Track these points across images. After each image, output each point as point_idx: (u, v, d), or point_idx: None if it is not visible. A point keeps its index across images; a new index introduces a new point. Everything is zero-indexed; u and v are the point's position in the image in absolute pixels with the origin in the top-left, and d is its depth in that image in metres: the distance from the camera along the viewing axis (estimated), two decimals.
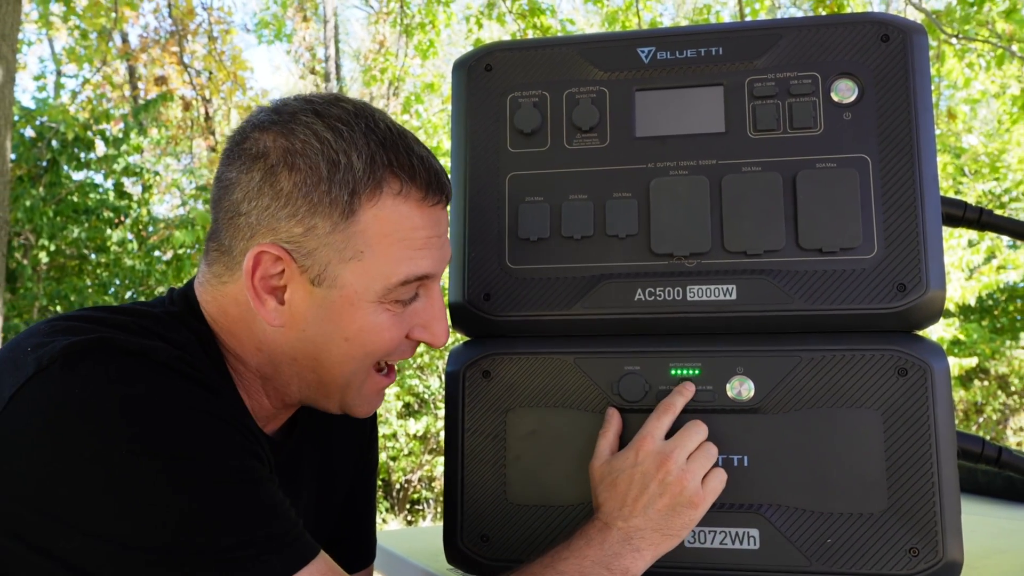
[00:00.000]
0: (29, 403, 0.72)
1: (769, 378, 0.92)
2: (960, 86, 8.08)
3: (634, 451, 0.90)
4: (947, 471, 0.88)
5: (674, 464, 0.87)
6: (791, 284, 0.93)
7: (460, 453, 0.99)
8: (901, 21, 0.98)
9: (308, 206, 0.84)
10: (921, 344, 0.92)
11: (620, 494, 0.88)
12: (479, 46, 1.08)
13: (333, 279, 0.86)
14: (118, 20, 8.13)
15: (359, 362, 0.90)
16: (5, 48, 3.70)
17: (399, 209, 0.86)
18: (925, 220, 0.93)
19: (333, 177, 0.84)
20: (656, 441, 0.90)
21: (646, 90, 1.01)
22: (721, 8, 9.50)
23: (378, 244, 0.86)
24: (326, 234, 0.85)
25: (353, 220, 0.85)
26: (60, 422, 0.71)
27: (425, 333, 0.92)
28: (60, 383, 0.72)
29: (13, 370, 0.74)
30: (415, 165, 0.87)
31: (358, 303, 0.86)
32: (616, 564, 0.85)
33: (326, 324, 0.87)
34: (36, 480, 0.70)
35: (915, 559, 0.87)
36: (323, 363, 0.89)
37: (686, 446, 0.89)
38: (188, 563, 0.70)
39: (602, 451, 0.93)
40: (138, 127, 8.17)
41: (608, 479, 0.90)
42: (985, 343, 7.84)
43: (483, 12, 8.50)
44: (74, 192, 7.44)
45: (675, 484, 0.87)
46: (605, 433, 0.94)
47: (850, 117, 0.96)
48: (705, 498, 0.88)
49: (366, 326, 0.87)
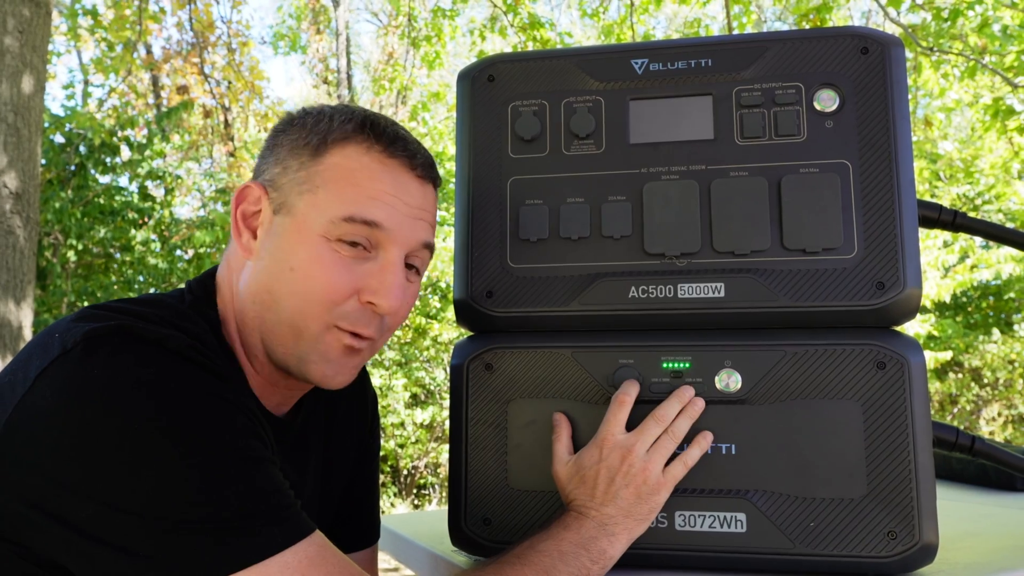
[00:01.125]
0: (52, 382, 0.73)
1: (755, 371, 0.92)
2: (936, 95, 8.08)
3: (598, 448, 0.91)
4: (923, 459, 0.88)
5: (636, 457, 0.89)
6: (776, 282, 0.93)
7: (464, 441, 0.99)
8: (880, 35, 0.98)
9: (287, 151, 0.92)
10: (899, 339, 0.92)
11: (589, 488, 0.89)
12: (482, 58, 1.08)
13: (289, 208, 0.89)
14: (142, 32, 8.12)
15: (304, 300, 0.87)
16: (36, 59, 3.70)
17: (361, 159, 0.90)
18: (902, 222, 0.93)
19: (313, 128, 0.91)
20: (617, 436, 0.91)
21: (639, 99, 1.01)
22: (710, 22, 9.48)
23: (333, 182, 0.89)
24: (294, 171, 0.90)
25: (319, 160, 0.90)
26: (79, 400, 0.72)
27: (372, 295, 0.88)
28: (81, 365, 0.73)
29: (41, 353, 0.76)
30: (386, 131, 0.92)
31: (305, 232, 0.88)
32: (593, 546, 0.86)
33: (278, 252, 0.89)
34: (54, 452, 0.71)
35: (893, 541, 0.87)
36: (274, 296, 0.89)
37: (646, 439, 0.90)
38: (192, 533, 0.70)
39: (561, 454, 0.94)
40: (161, 133, 8.17)
41: (576, 477, 0.91)
42: (959, 338, 7.84)
43: (486, 25, 8.50)
44: (100, 195, 7.43)
45: (639, 475, 0.88)
46: (559, 437, 0.95)
47: (832, 125, 0.96)
48: (667, 484, 0.89)
49: (310, 257, 0.87)
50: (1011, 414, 8.01)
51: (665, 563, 0.93)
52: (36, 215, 3.69)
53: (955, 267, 7.65)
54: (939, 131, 9.53)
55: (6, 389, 0.76)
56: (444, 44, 8.69)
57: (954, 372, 8.15)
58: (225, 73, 9.67)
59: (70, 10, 8.87)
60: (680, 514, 0.91)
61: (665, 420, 0.91)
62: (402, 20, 9.42)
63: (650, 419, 0.91)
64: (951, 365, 8.08)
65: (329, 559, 0.75)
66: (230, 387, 0.81)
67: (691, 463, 0.91)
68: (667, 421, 0.91)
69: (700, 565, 0.92)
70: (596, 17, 8.86)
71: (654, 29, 9.46)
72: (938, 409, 8.28)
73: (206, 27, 9.25)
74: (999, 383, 8.02)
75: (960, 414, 8.08)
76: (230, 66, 9.56)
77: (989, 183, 8.53)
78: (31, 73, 3.65)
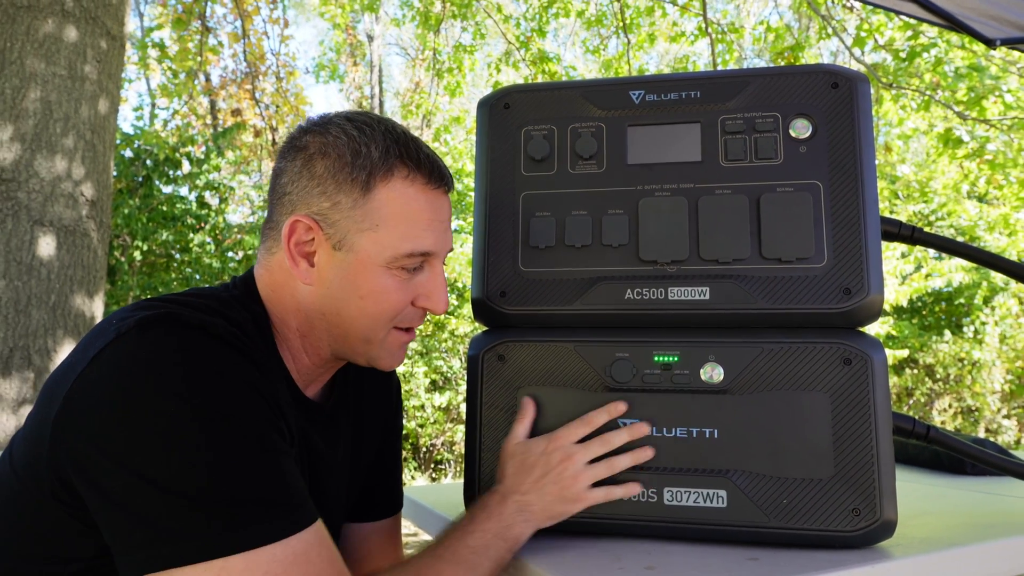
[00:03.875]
0: (106, 360, 0.73)
1: (736, 365, 0.92)
2: (895, 124, 8.05)
3: (546, 441, 0.91)
4: (884, 445, 0.88)
5: (573, 464, 0.89)
6: (755, 287, 0.93)
7: (479, 422, 0.99)
8: (848, 71, 0.98)
9: (335, 185, 0.88)
10: (863, 338, 0.91)
11: (524, 472, 0.90)
12: (498, 88, 1.08)
13: (351, 245, 0.88)
14: (203, 63, 8.15)
15: (373, 319, 0.90)
16: (111, 85, 3.72)
17: (407, 191, 0.89)
18: (867, 235, 0.92)
19: (355, 162, 0.88)
20: (567, 441, 0.91)
21: (637, 126, 1.01)
22: (697, 58, 9.46)
23: (390, 219, 0.88)
24: (348, 208, 0.88)
25: (370, 197, 0.88)
26: (126, 376, 0.72)
27: (428, 301, 0.93)
28: (131, 346, 0.73)
29: (100, 336, 0.76)
30: (421, 158, 0.91)
31: (370, 266, 0.88)
32: (510, 534, 0.87)
33: (345, 283, 0.89)
34: (101, 423, 0.71)
35: (857, 518, 0.87)
36: (344, 318, 0.90)
37: (589, 453, 0.90)
38: (208, 513, 0.69)
39: (518, 433, 0.94)
40: (217, 150, 8.20)
41: (518, 457, 0.91)
42: (915, 338, 7.79)
43: (501, 59, 8.51)
44: (163, 203, 7.47)
45: (567, 480, 0.89)
46: (522, 419, 0.95)
47: (805, 150, 0.95)
48: (585, 500, 0.90)
49: (376, 287, 0.89)
50: (960, 406, 7.94)
51: (655, 533, 0.92)
52: (108, 220, 3.72)
53: (911, 275, 7.61)
54: (898, 156, 9.46)
55: (69, 369, 0.76)
56: (464, 75, 8.71)
57: (910, 368, 8.09)
58: (273, 98, 9.70)
59: (141, 43, 8.93)
60: (668, 490, 0.91)
61: (610, 445, 0.91)
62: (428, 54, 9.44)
63: (597, 440, 0.91)
64: (907, 362, 8.02)
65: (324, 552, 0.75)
66: (264, 374, 0.80)
67: (612, 497, 0.90)
68: (612, 446, 0.91)
69: (685, 535, 0.91)
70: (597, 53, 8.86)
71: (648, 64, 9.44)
72: (896, 401, 8.23)
73: (258, 58, 9.28)
74: (950, 378, 7.96)
75: (915, 405, 8.02)
76: (278, 92, 9.59)
77: (942, 202, 8.48)
78: (106, 97, 3.68)
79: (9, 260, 3.21)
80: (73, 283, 3.41)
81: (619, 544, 0.91)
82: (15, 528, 0.78)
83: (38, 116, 3.36)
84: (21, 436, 0.81)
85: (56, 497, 0.74)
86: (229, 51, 9.70)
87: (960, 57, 6.73)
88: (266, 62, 9.52)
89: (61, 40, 3.48)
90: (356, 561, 1.14)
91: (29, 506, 0.76)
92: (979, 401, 7.66)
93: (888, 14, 6.52)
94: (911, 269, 7.76)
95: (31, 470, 0.76)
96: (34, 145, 3.33)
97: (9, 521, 0.78)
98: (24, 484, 0.77)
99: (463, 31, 9.16)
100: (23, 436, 0.80)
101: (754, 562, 0.83)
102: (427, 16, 8.65)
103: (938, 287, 7.67)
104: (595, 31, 8.94)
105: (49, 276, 3.31)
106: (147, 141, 7.43)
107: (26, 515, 0.77)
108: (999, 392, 7.68)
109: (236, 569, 0.68)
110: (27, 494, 0.77)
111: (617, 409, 0.93)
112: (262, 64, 9.51)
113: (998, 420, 7.63)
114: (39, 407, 0.78)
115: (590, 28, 8.85)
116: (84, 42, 3.56)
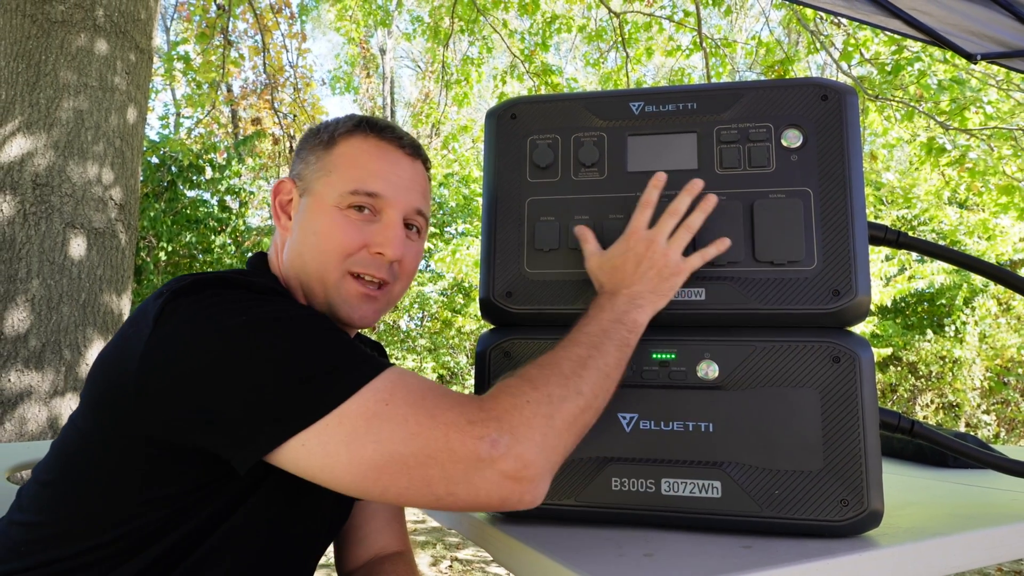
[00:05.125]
0: (172, 315, 0.76)
1: (730, 362, 0.92)
2: (880, 134, 8.03)
3: (625, 241, 0.91)
4: (871, 438, 0.87)
5: (658, 244, 0.89)
6: (749, 288, 0.93)
7: None
8: (837, 84, 0.97)
9: (308, 150, 1.00)
10: (851, 337, 0.91)
11: (619, 272, 0.89)
12: (505, 100, 1.08)
13: (311, 190, 0.97)
14: (224, 74, 8.17)
15: (324, 255, 0.94)
16: (139, 95, 3.73)
17: (361, 144, 0.97)
18: (855, 239, 0.92)
19: (324, 129, 1.00)
20: (641, 230, 0.91)
21: (636, 135, 1.00)
22: (692, 71, 9.44)
23: (342, 165, 0.96)
24: (313, 163, 0.98)
25: (330, 151, 0.98)
26: (199, 320, 0.75)
27: (380, 247, 0.95)
28: (193, 300, 0.77)
29: (153, 300, 0.79)
30: (383, 126, 0.99)
31: (324, 206, 0.95)
32: (627, 318, 0.86)
33: (305, 224, 0.96)
34: (189, 361, 0.74)
35: (845, 508, 0.86)
36: (306, 260, 0.95)
37: (664, 230, 0.91)
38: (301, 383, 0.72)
39: (592, 251, 0.94)
40: (238, 157, 8.22)
41: (607, 265, 0.91)
42: (899, 337, 7.76)
43: (507, 72, 8.50)
44: (187, 206, 7.49)
45: (660, 258, 0.89)
46: (587, 240, 0.95)
47: (796, 159, 0.95)
48: (685, 269, 0.90)
49: (327, 224, 0.94)
50: (942, 402, 7.91)
51: (652, 522, 0.92)
52: (135, 222, 3.73)
53: (895, 277, 7.59)
54: (883, 164, 9.43)
55: (128, 342, 0.78)
56: (471, 87, 8.71)
57: (894, 366, 8.06)
58: (291, 108, 9.72)
59: (167, 56, 8.96)
60: (666, 480, 0.91)
61: (678, 214, 0.91)
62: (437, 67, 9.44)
63: (666, 214, 0.91)
64: (892, 360, 7.99)
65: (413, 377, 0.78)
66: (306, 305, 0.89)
67: (708, 257, 0.91)
68: (680, 214, 0.91)
69: (682, 525, 0.91)
70: (597, 66, 8.85)
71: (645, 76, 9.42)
72: (880, 397, 8.20)
73: (277, 70, 9.30)
74: (932, 375, 7.93)
75: (899, 401, 7.99)
76: (295, 103, 9.60)
77: (924, 208, 8.44)
78: (135, 107, 3.69)
79: (43, 260, 3.22)
80: (102, 282, 3.42)
81: (618, 533, 0.91)
82: (96, 488, 0.80)
83: (70, 125, 3.37)
84: (81, 414, 0.84)
85: (148, 445, 0.76)
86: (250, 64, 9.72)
87: (942, 71, 6.73)
88: (284, 74, 9.54)
89: (92, 53, 3.48)
90: (362, 539, 1.15)
91: (108, 466, 0.79)
92: (960, 397, 7.63)
93: (874, 30, 6.51)
94: (895, 271, 7.73)
95: (109, 433, 0.79)
96: (67, 152, 3.34)
97: (90, 483, 0.80)
98: (103, 448, 0.79)
99: (470, 45, 9.16)
100: (84, 410, 0.83)
101: (747, 550, 0.83)
102: (437, 31, 8.66)
103: (921, 288, 7.65)
104: (595, 45, 8.93)
105: (80, 275, 3.32)
106: (172, 148, 7.45)
107: (108, 474, 0.79)
108: (979, 388, 7.65)
109: (351, 409, 0.71)
110: (108, 456, 0.79)
111: (660, 180, 0.94)
112: (281, 76, 9.53)
113: (978, 415, 7.59)
114: (101, 382, 0.81)
115: (590, 42, 8.84)
116: (114, 55, 3.57)
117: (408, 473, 0.70)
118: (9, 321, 3.13)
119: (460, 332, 7.52)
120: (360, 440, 0.70)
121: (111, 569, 0.78)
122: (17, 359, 3.11)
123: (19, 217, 3.22)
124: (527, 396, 0.75)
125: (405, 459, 0.70)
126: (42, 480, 0.84)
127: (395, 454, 0.70)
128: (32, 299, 3.18)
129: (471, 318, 7.33)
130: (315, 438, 0.70)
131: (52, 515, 0.81)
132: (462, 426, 0.71)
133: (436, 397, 0.74)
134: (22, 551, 0.80)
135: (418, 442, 0.70)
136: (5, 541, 0.83)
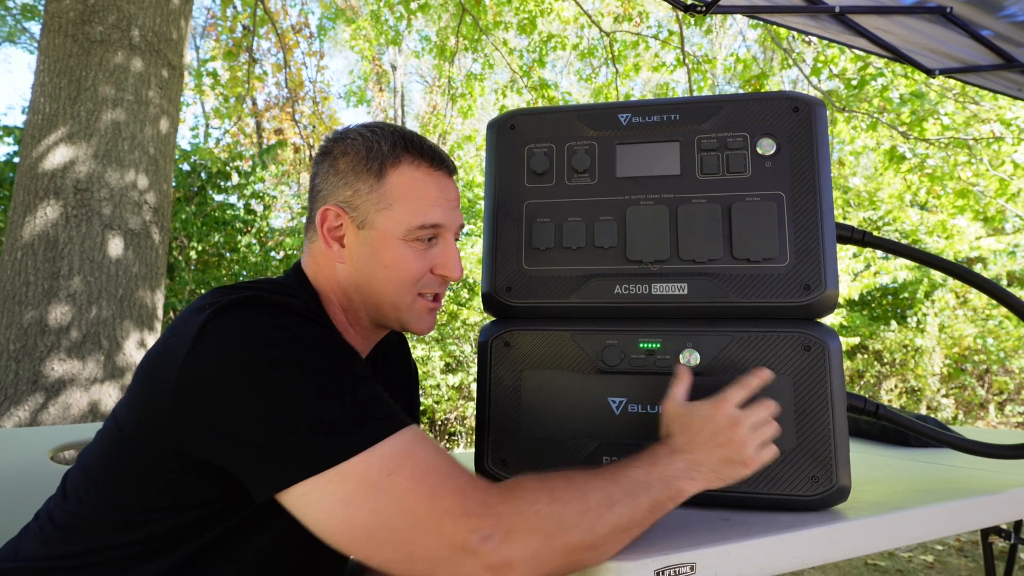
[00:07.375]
0: (211, 335, 0.73)
1: (711, 351, 0.92)
2: (847, 142, 8.02)
3: (712, 406, 0.82)
4: (839, 420, 0.87)
5: (741, 429, 0.80)
6: (727, 283, 0.92)
7: (487, 400, 0.98)
8: (807, 97, 0.97)
9: (354, 176, 0.91)
10: (821, 328, 0.91)
11: (691, 433, 0.80)
12: (505, 111, 1.08)
13: (372, 224, 0.91)
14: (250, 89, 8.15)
15: (398, 286, 0.91)
16: (171, 108, 3.73)
17: (413, 174, 0.92)
18: (824, 239, 0.91)
19: (369, 155, 0.91)
20: (732, 406, 0.82)
21: (624, 144, 1.00)
22: (676, 85, 9.42)
23: (401, 198, 0.90)
24: (366, 193, 0.91)
25: (383, 182, 0.90)
26: (234, 345, 0.72)
27: (444, 269, 0.94)
28: (231, 322, 0.74)
29: (197, 313, 0.76)
30: (424, 147, 0.94)
31: (390, 240, 0.90)
32: (675, 483, 0.76)
33: (370, 257, 0.91)
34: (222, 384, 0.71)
35: (816, 483, 0.86)
36: (374, 288, 0.92)
37: (752, 419, 0.82)
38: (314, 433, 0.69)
39: (677, 395, 0.86)
40: (262, 164, 8.20)
41: (684, 419, 0.82)
42: (865, 327, 7.76)
43: (507, 86, 8.49)
44: (216, 209, 7.47)
45: (737, 444, 0.79)
46: (680, 381, 0.87)
47: (770, 165, 0.95)
48: (756, 462, 0.81)
49: (396, 257, 0.91)
50: (904, 387, 7.91)
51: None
52: (168, 224, 3.72)
53: (862, 273, 7.58)
54: (850, 169, 9.41)
55: (171, 350, 0.75)
56: (475, 100, 8.69)
57: (861, 354, 8.06)
58: (311, 120, 9.70)
59: (197, 72, 8.94)
60: None
61: (770, 410, 0.84)
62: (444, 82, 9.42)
63: (760, 406, 0.83)
64: (859, 348, 7.99)
65: (428, 443, 0.73)
66: (337, 336, 0.82)
67: (773, 458, 0.83)
68: (772, 411, 0.84)
69: None
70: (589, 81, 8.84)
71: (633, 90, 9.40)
72: (848, 382, 8.21)
73: (297, 85, 9.28)
74: (896, 362, 7.92)
75: (865, 386, 7.99)
76: (314, 115, 9.59)
77: (888, 209, 8.43)
78: (167, 118, 3.68)
79: (83, 259, 3.22)
80: (138, 279, 3.41)
81: None
82: (131, 484, 0.78)
83: (109, 135, 3.36)
84: (125, 408, 0.81)
85: (177, 454, 0.74)
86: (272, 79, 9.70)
87: (904, 85, 6.71)
88: (304, 89, 9.52)
89: (129, 70, 3.47)
90: None
91: (143, 465, 0.77)
92: (921, 382, 7.63)
93: (841, 48, 6.49)
94: (862, 267, 7.73)
95: (145, 433, 0.76)
96: (105, 160, 3.34)
97: (126, 479, 0.78)
98: (139, 447, 0.77)
99: (474, 62, 9.14)
100: (127, 406, 0.80)
101: (725, 522, 0.83)
102: (443, 49, 8.64)
103: (885, 283, 7.65)
104: (587, 62, 8.90)
105: (117, 273, 3.32)
106: (202, 156, 7.43)
107: (142, 472, 0.77)
108: (938, 374, 7.65)
109: (356, 470, 0.68)
110: (143, 456, 0.77)
111: (765, 376, 0.86)
112: (301, 90, 9.51)
113: (938, 399, 7.59)
114: (144, 382, 0.78)
115: (583, 59, 8.82)
116: (148, 71, 3.56)
117: (395, 546, 0.67)
118: (52, 315, 3.13)
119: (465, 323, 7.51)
120: (358, 504, 0.67)
121: (141, 565, 0.76)
122: (60, 349, 3.11)
123: (62, 220, 3.22)
124: (539, 505, 0.69)
125: (396, 533, 0.67)
126: (87, 470, 0.82)
127: (387, 526, 0.67)
128: (73, 294, 3.18)
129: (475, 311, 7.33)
130: (316, 491, 0.68)
131: (91, 506, 0.79)
132: (458, 516, 0.67)
133: (440, 477, 0.69)
134: (69, 538, 0.79)
135: (411, 520, 0.67)
136: (51, 526, 0.81)
